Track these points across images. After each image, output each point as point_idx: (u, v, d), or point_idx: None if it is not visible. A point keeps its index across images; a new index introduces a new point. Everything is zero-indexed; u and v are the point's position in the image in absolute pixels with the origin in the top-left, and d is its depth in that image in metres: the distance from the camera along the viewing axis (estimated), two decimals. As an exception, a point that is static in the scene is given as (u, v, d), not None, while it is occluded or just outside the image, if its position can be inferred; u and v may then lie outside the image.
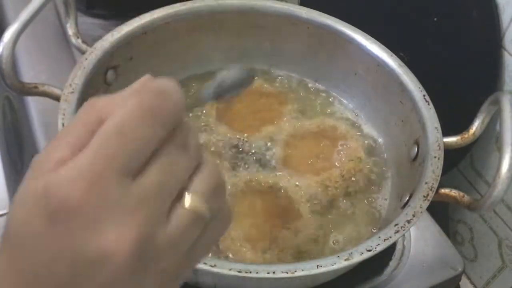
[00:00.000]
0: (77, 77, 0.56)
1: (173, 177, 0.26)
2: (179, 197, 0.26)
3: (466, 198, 0.51)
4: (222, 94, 0.41)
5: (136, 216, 0.25)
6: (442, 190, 0.52)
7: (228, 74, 0.43)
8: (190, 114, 0.66)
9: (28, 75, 0.70)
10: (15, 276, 0.25)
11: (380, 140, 0.66)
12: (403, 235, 0.56)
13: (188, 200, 0.26)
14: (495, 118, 0.60)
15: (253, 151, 0.63)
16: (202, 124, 0.65)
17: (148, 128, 0.25)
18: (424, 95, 0.59)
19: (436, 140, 0.55)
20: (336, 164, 0.62)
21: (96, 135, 0.25)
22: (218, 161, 0.61)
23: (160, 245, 0.25)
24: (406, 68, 0.62)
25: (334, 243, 0.56)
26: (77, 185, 0.24)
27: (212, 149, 0.63)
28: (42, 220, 0.24)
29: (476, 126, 0.56)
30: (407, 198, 0.53)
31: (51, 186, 0.24)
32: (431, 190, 0.50)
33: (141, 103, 0.25)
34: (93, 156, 0.24)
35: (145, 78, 0.27)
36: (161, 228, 0.25)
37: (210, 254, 0.52)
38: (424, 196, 0.50)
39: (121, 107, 0.25)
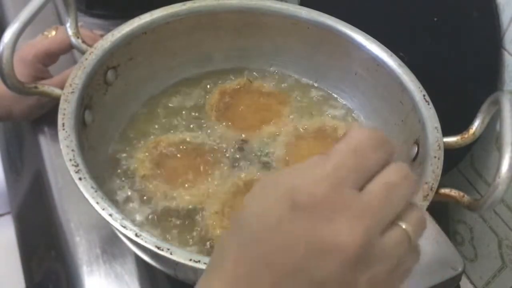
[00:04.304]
0: (77, 77, 0.56)
1: (393, 199, 0.31)
2: (392, 222, 0.31)
3: (466, 198, 0.51)
4: None
5: (362, 220, 0.29)
6: (442, 190, 0.52)
7: None
8: (191, 113, 0.66)
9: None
10: (242, 257, 0.30)
11: (380, 140, 0.66)
12: (403, 235, 0.56)
13: (403, 223, 0.31)
14: (495, 118, 0.60)
15: (253, 151, 0.63)
16: (202, 124, 0.65)
17: (374, 152, 0.31)
18: (424, 95, 0.59)
19: (436, 140, 0.55)
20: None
21: (335, 151, 0.31)
22: (218, 161, 0.61)
23: (374, 253, 0.30)
24: (406, 68, 0.62)
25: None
26: (322, 185, 0.30)
27: (212, 149, 0.63)
28: (285, 209, 0.30)
29: (476, 126, 0.56)
30: (407, 198, 0.53)
31: (298, 184, 0.30)
32: (431, 190, 0.50)
33: (369, 134, 0.32)
34: (335, 166, 0.30)
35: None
36: (377, 239, 0.30)
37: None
38: (424, 196, 0.50)
39: (353, 135, 0.32)
